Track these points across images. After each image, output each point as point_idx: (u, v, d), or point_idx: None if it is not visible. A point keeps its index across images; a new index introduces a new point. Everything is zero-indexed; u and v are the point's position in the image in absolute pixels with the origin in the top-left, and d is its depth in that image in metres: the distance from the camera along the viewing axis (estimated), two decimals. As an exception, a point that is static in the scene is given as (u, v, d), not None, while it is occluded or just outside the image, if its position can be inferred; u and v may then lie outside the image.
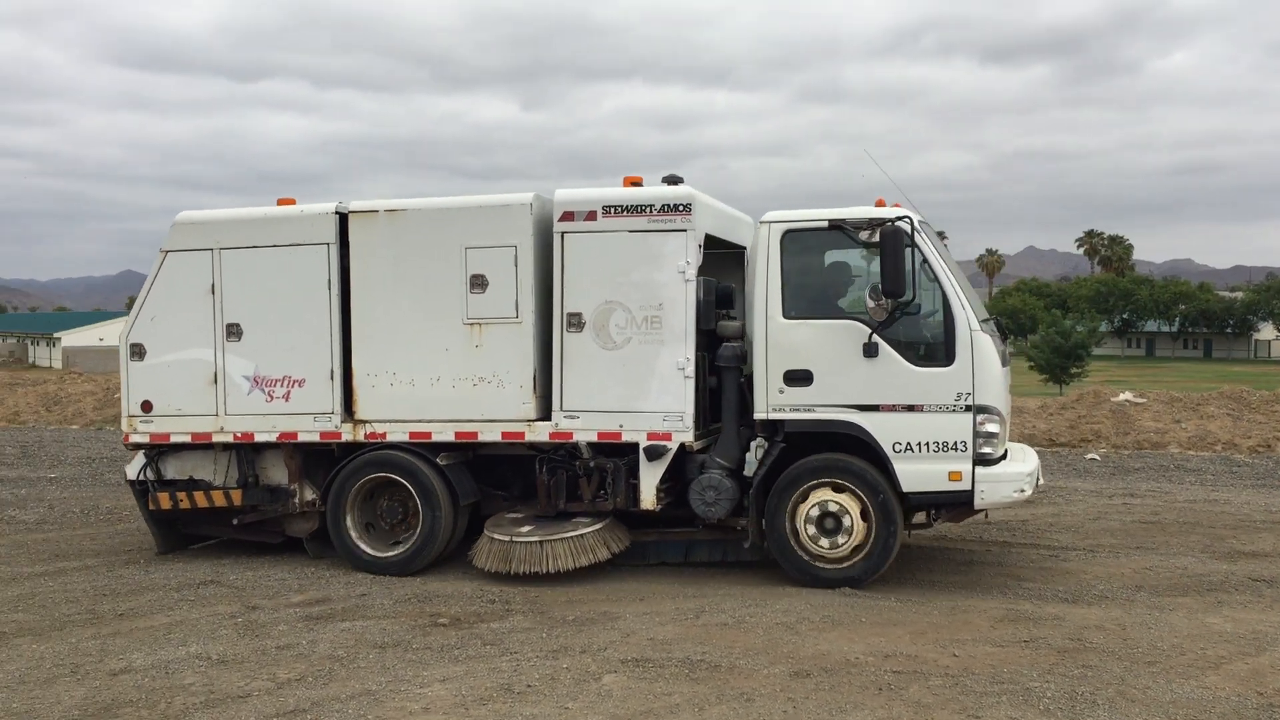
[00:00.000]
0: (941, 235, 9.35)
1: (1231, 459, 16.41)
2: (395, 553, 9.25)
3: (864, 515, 8.36)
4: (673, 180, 8.92)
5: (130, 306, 10.43)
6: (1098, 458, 16.70)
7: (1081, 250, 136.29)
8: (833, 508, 8.39)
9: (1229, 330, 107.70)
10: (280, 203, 9.67)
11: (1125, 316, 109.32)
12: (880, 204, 8.58)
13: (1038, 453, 10.01)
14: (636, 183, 8.90)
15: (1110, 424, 18.40)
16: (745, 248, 9.89)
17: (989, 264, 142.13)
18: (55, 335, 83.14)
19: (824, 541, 8.41)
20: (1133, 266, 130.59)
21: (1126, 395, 20.27)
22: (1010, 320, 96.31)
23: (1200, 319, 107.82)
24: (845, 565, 8.41)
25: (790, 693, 6.12)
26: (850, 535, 8.35)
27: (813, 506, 8.42)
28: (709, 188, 9.51)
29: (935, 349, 8.36)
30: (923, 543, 10.22)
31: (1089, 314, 74.75)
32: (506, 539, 8.77)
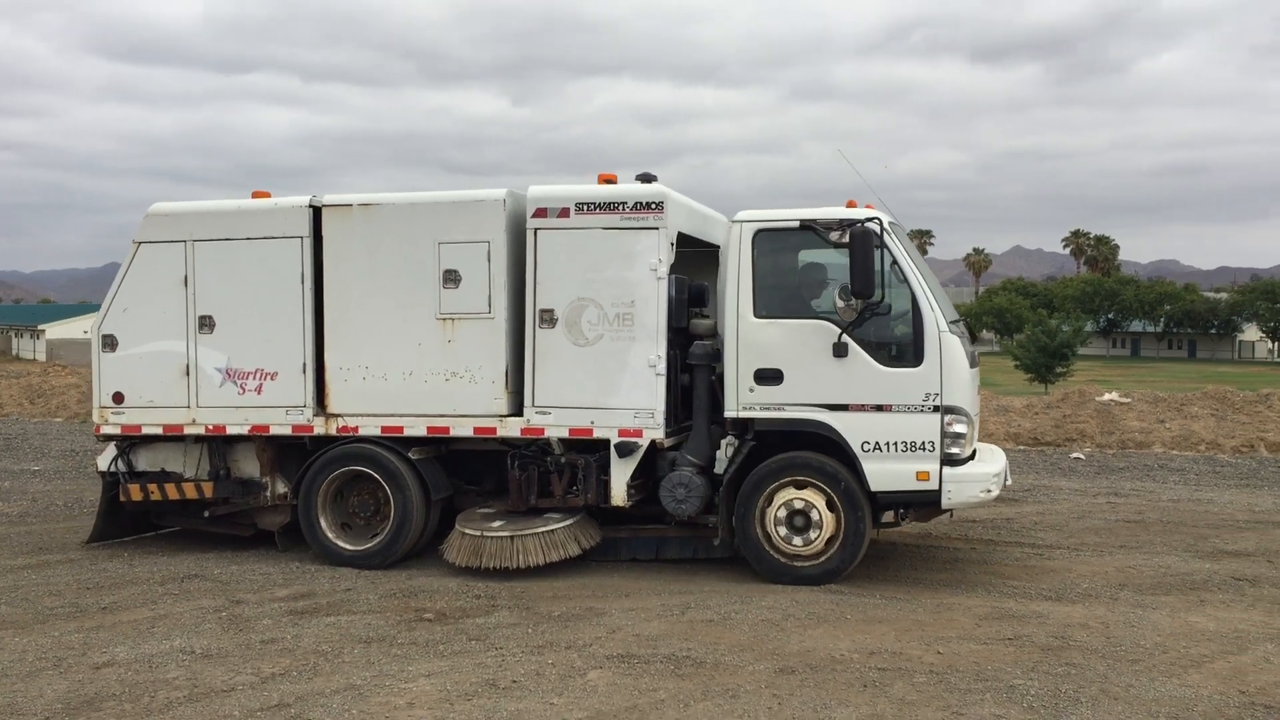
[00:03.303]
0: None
1: (1215, 459, 16.50)
2: (367, 546, 9.27)
3: (833, 513, 8.42)
4: (646, 178, 8.94)
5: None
6: (1082, 457, 16.76)
7: (1068, 250, 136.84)
8: (802, 505, 8.45)
9: (1213, 331, 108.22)
10: (255, 195, 9.67)
11: (1111, 316, 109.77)
12: (851, 205, 8.64)
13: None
14: (611, 180, 8.92)
15: (1095, 423, 18.47)
16: (718, 246, 9.93)
17: (976, 263, 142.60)
18: (39, 327, 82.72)
19: (794, 539, 8.47)
20: (1118, 266, 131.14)
21: (1111, 395, 20.35)
22: (996, 320, 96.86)
23: (1185, 319, 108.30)
24: (814, 562, 8.47)
25: (775, 689, 6.13)
26: (819, 533, 8.41)
27: (782, 504, 8.49)
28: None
29: (904, 350, 8.42)
30: (908, 541, 10.25)
31: (1075, 314, 74.98)
32: (477, 533, 8.79)
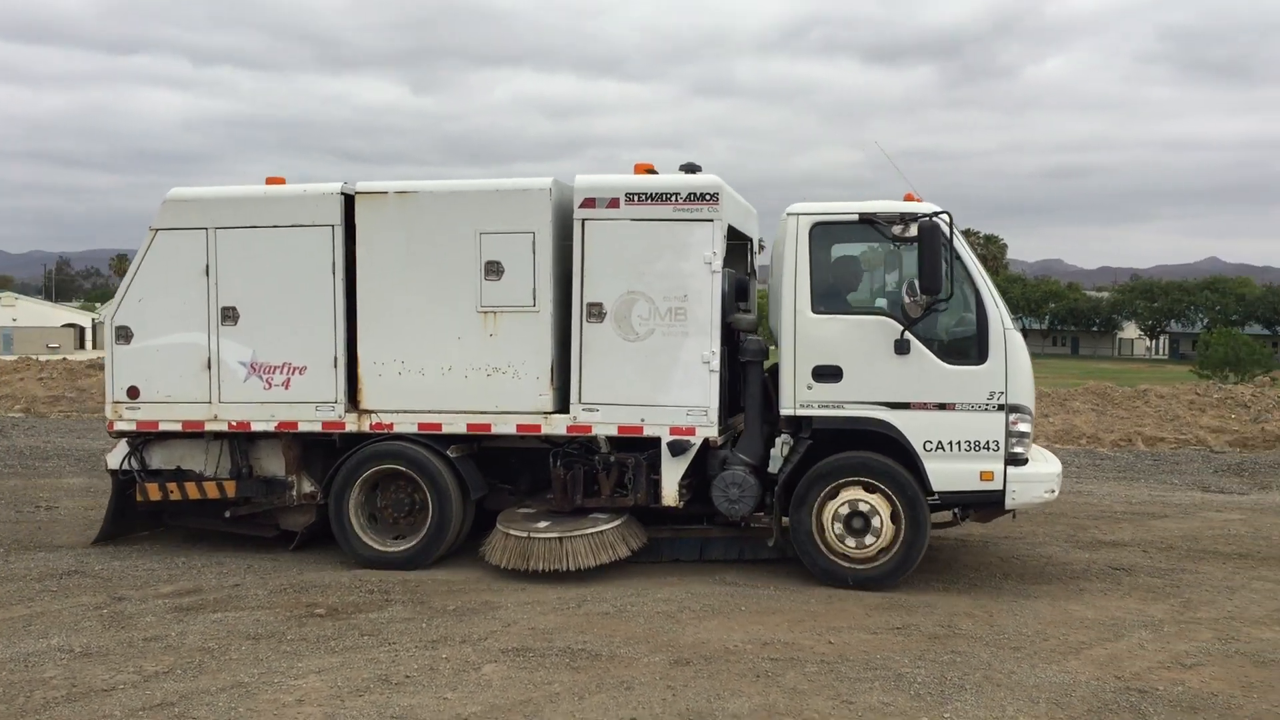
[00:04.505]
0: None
1: (1095, 452, 17.06)
2: (403, 547, 8.92)
3: (893, 515, 8.19)
4: (690, 168, 8.73)
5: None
6: (970, 450, 17.17)
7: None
8: (862, 507, 8.20)
9: (1095, 328, 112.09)
10: (269, 181, 9.25)
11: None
12: (909, 198, 8.42)
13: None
14: (649, 169, 8.68)
15: (982, 417, 18.96)
16: (750, 239, 9.78)
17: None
18: (-90, 314, 79.08)
19: (850, 541, 8.22)
20: (1006, 265, 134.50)
21: (998, 390, 20.87)
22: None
23: (1069, 317, 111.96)
24: (872, 565, 8.23)
25: (670, 680, 6.17)
26: (878, 535, 8.17)
27: (840, 505, 8.24)
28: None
29: (968, 347, 8.21)
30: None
31: (965, 311, 76.61)
32: (524, 535, 8.46)
